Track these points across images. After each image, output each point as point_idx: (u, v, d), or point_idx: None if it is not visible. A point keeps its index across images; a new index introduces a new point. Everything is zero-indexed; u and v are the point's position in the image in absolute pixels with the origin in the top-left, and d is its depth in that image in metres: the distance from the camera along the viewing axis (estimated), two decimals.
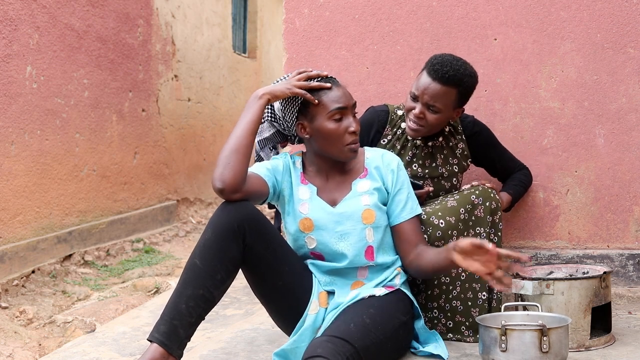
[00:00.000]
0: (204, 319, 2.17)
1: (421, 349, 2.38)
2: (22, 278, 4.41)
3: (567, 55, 3.06)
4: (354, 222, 2.33)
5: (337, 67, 3.20)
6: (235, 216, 2.17)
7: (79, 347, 2.65)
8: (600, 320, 2.50)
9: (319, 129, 2.32)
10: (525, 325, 2.17)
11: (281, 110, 2.39)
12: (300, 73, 2.35)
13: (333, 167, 2.41)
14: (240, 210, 2.18)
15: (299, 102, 2.34)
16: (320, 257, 2.36)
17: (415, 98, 2.65)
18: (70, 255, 4.97)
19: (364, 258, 2.34)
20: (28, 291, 4.37)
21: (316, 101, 2.30)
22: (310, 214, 2.34)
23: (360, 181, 2.40)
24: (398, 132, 2.78)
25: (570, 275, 2.51)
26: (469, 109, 3.01)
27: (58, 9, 4.92)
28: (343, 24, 3.21)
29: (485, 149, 2.88)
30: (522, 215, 3.10)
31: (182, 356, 2.13)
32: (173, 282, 4.32)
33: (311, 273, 2.35)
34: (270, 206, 2.52)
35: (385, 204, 2.40)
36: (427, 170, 2.76)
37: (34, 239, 4.61)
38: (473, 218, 2.53)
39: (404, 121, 2.77)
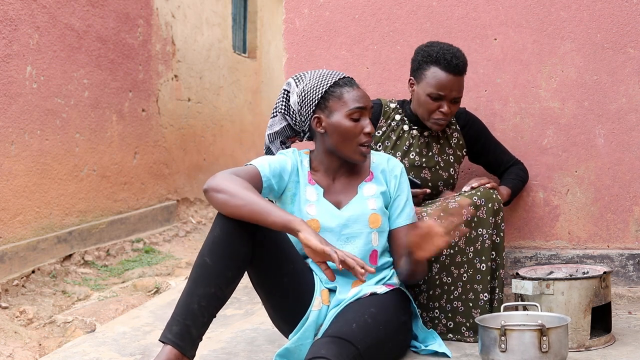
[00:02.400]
0: (215, 317, 2.15)
1: (423, 347, 2.38)
2: (22, 278, 4.41)
3: (567, 55, 3.06)
4: (360, 225, 2.33)
5: (337, 67, 3.20)
6: None
7: (79, 347, 2.65)
8: (600, 320, 2.50)
9: (335, 125, 2.31)
10: (524, 325, 2.17)
11: (298, 102, 2.37)
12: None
13: (341, 168, 2.40)
14: None
15: (319, 95, 2.33)
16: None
17: (439, 97, 2.68)
18: (70, 255, 4.97)
19: (368, 262, 2.34)
20: (28, 291, 4.37)
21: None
22: (317, 215, 2.32)
23: (366, 185, 2.40)
24: (392, 124, 2.81)
25: (570, 275, 2.51)
26: (469, 109, 3.01)
27: (58, 9, 4.92)
28: (343, 24, 3.21)
29: (479, 140, 2.90)
30: (522, 215, 3.10)
31: (194, 356, 2.12)
32: (173, 282, 4.32)
33: (312, 271, 2.35)
34: None
35: (387, 208, 2.40)
36: (424, 159, 2.78)
37: (34, 239, 4.61)
38: (475, 219, 2.53)
39: (398, 114, 2.82)
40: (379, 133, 2.81)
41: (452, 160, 2.83)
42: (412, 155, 2.78)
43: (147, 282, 4.46)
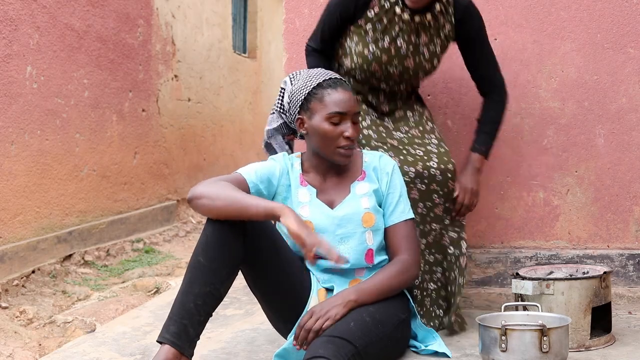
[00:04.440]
0: (211, 316, 2.16)
1: (423, 347, 2.38)
2: (22, 278, 4.41)
3: (567, 55, 3.06)
4: (354, 225, 2.33)
5: None
6: None
7: (79, 347, 2.65)
8: (600, 320, 2.50)
9: (315, 127, 2.32)
10: (525, 325, 2.17)
11: (288, 102, 2.39)
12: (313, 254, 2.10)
13: (330, 168, 2.40)
14: None
15: (303, 96, 2.33)
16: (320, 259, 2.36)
17: None
18: (70, 255, 4.97)
19: (364, 261, 2.34)
20: (28, 291, 4.37)
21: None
22: (310, 216, 2.33)
23: (359, 184, 2.40)
24: (386, 5, 2.67)
25: (570, 275, 2.51)
26: (469, 109, 3.01)
27: (58, 9, 4.92)
28: None
29: (469, 42, 2.77)
30: (522, 215, 3.10)
31: (193, 355, 2.12)
32: (173, 282, 4.32)
33: (309, 271, 2.35)
34: None
35: (380, 206, 2.40)
36: (410, 47, 2.68)
37: (34, 239, 4.61)
38: (432, 215, 2.66)
39: None
40: (370, 14, 2.67)
41: (438, 51, 2.73)
42: (400, 42, 2.67)
43: (147, 282, 4.46)
